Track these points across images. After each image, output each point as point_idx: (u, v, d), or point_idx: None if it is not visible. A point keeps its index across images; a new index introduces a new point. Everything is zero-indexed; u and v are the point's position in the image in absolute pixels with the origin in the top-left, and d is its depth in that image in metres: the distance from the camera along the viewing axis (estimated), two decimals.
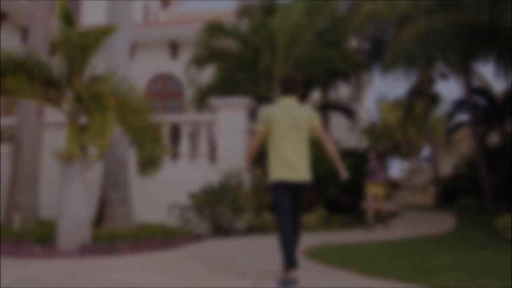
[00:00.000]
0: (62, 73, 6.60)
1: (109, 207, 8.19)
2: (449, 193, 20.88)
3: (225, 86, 11.59)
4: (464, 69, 15.82)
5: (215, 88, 11.68)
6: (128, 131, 7.25)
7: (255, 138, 4.96)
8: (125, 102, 6.86)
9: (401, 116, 29.70)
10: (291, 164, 4.65)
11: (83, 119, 6.75)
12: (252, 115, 10.19)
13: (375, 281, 4.68)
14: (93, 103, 5.99)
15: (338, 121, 17.87)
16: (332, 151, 4.88)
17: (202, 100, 11.87)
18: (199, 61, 11.66)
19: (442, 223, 11.82)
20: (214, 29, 11.20)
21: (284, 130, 4.69)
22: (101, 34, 6.07)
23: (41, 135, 8.94)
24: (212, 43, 11.51)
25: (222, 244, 7.51)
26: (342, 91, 16.16)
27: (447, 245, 7.66)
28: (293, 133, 4.69)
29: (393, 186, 26.04)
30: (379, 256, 6.25)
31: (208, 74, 12.85)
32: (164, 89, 16.58)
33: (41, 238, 7.15)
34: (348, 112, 15.62)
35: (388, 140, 31.35)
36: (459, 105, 18.76)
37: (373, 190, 10.59)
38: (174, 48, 16.55)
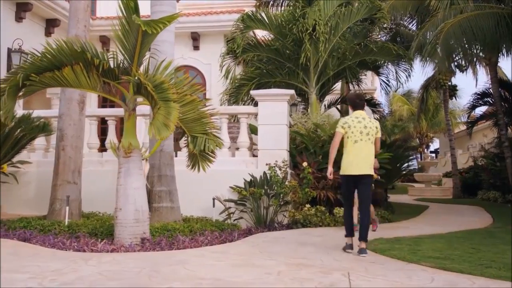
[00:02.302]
0: (121, 64, 6.46)
1: (157, 200, 8.08)
2: (468, 186, 20.79)
3: (260, 78, 11.44)
4: (490, 60, 15.66)
5: (249, 80, 11.51)
6: (181, 122, 7.11)
7: (337, 138, 6.28)
8: (180, 93, 6.72)
9: (415, 108, 29.73)
10: (357, 162, 6.10)
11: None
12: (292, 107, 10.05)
13: (471, 278, 4.58)
14: (158, 95, 5.86)
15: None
16: (376, 152, 6.39)
17: (237, 92, 11.73)
18: (235, 53, 11.49)
19: (477, 216, 11.77)
20: (251, 20, 11.03)
21: (357, 135, 6.11)
22: (166, 22, 5.93)
23: (84, 127, 8.81)
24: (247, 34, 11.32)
25: (276, 237, 7.41)
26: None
27: (501, 238, 7.58)
28: (363, 138, 6.11)
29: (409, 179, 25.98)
30: (446, 250, 6.16)
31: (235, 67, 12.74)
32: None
33: (94, 231, 7.07)
34: (374, 104, 15.50)
35: (400, 133, 31.29)
36: (482, 96, 18.61)
37: None
38: (195, 39, 16.37)
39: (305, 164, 8.82)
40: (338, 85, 15.37)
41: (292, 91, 9.41)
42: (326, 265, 5.15)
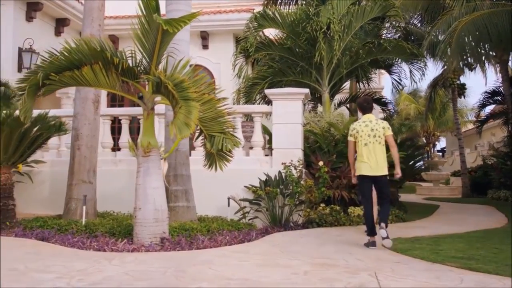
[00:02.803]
0: (140, 63, 6.43)
1: (173, 200, 8.06)
2: (477, 185, 20.69)
3: (273, 77, 11.40)
4: (500, 59, 15.58)
5: (262, 79, 11.47)
6: (199, 121, 7.08)
7: (350, 147, 6.77)
8: (198, 92, 6.69)
9: (422, 107, 29.65)
10: (370, 163, 6.48)
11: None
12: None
13: (500, 279, 4.54)
14: (179, 93, 5.83)
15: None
16: (395, 154, 6.66)
17: (249, 91, 11.69)
18: (247, 52, 11.45)
19: (490, 215, 11.69)
20: (264, 18, 10.99)
21: (366, 138, 6.52)
22: (187, 21, 5.89)
23: (98, 127, 8.80)
24: (260, 33, 11.28)
25: (294, 237, 7.37)
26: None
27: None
28: (371, 140, 6.50)
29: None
30: (468, 250, 6.11)
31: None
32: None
33: (112, 231, 7.06)
34: (384, 103, 15.45)
35: (407, 131, 31.13)
36: (492, 95, 18.52)
37: None
38: (204, 38, 16.33)
39: (321, 163, 8.77)
40: (347, 84, 15.34)
41: (307, 90, 9.37)
42: (351, 265, 5.11)
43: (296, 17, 10.87)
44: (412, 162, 12.19)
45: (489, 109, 22.04)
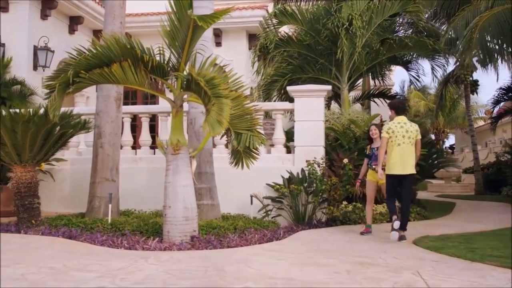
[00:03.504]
0: (168, 60, 6.39)
1: (197, 198, 7.97)
2: (490, 182, 20.55)
3: (292, 74, 11.33)
4: None
5: (281, 76, 11.40)
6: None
7: (384, 143, 6.95)
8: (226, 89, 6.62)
9: (432, 104, 29.52)
10: (403, 163, 6.82)
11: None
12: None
13: None
14: (211, 90, 5.77)
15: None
16: (418, 156, 7.10)
17: (269, 88, 11.61)
18: (267, 49, 11.38)
19: (509, 213, 11.57)
20: (283, 15, 10.92)
21: (400, 139, 6.81)
22: (219, 17, 5.84)
23: (120, 125, 8.77)
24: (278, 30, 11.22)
25: (322, 235, 7.33)
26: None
27: None
28: (405, 141, 6.82)
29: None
30: (504, 249, 6.00)
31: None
32: None
33: (139, 229, 7.02)
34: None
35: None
36: (507, 91, 18.38)
37: (382, 180, 7.60)
38: (217, 36, 16.26)
39: (345, 160, 8.71)
40: (360, 81, 15.25)
41: (329, 87, 9.30)
42: (390, 263, 5.06)
43: (316, 13, 10.79)
44: (430, 160, 12.09)
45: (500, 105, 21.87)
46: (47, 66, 13.16)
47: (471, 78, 21.19)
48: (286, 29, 13.14)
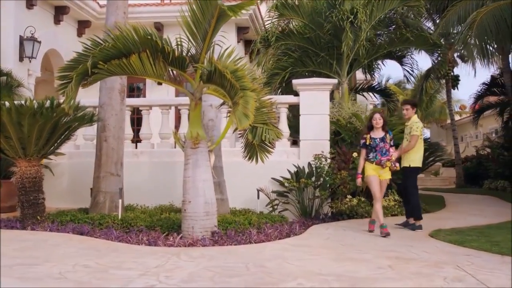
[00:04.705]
0: (188, 51, 6.22)
1: None
2: (470, 176, 20.96)
3: (293, 67, 11.25)
4: (503, 50, 15.68)
5: (282, 69, 11.30)
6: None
7: (415, 141, 7.46)
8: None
9: (411, 98, 29.85)
10: None
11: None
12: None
13: None
14: (238, 83, 5.64)
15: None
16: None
17: (269, 81, 11.49)
18: (268, 41, 11.25)
19: (504, 206, 11.77)
20: (284, 7, 10.81)
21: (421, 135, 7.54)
22: (246, 6, 5.72)
23: (124, 118, 8.55)
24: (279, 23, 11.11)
25: (338, 229, 7.31)
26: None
27: None
28: (421, 137, 7.60)
29: None
30: None
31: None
32: None
33: (152, 225, 6.86)
34: (389, 94, 15.47)
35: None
36: (490, 86, 18.73)
37: (384, 175, 7.11)
38: None
39: (355, 154, 8.69)
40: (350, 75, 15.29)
41: (335, 81, 9.28)
42: (425, 258, 5.06)
43: (317, 6, 10.72)
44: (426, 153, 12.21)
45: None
46: (33, 57, 12.76)
47: (452, 73, 21.52)
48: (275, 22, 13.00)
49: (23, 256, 4.74)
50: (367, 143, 7.11)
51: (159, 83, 14.66)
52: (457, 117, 35.09)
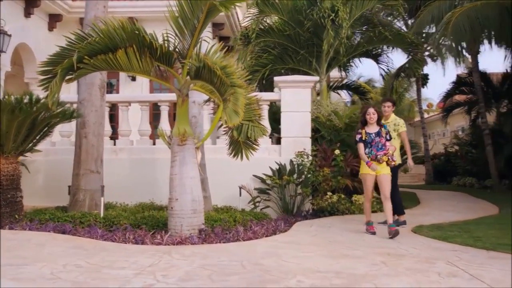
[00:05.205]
0: (175, 47, 6.14)
1: None
2: (438, 173, 21.43)
3: (273, 65, 11.24)
4: (472, 50, 16.06)
5: (262, 66, 11.28)
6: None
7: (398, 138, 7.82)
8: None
9: (379, 96, 30.29)
10: None
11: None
12: None
13: None
14: (228, 79, 5.58)
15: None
16: None
17: (249, 79, 11.41)
18: (248, 38, 11.20)
19: (475, 202, 12.08)
20: (265, 4, 10.78)
21: None
22: (236, 2, 5.68)
23: (105, 114, 8.38)
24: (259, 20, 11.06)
25: (322, 226, 7.33)
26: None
27: None
28: None
29: None
30: (507, 236, 6.23)
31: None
32: None
33: (136, 223, 6.75)
34: (363, 92, 15.65)
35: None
36: (459, 85, 19.15)
37: (381, 171, 6.65)
38: None
39: (337, 152, 8.76)
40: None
41: (317, 78, 9.36)
42: (414, 254, 5.15)
43: (297, 4, 10.72)
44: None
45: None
46: (3, 51, 12.36)
47: (422, 72, 21.92)
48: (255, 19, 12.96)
49: (10, 256, 4.58)
50: (363, 138, 6.78)
51: (133, 79, 14.47)
52: (425, 115, 35.93)
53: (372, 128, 6.80)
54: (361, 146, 6.78)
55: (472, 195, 14.20)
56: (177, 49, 6.21)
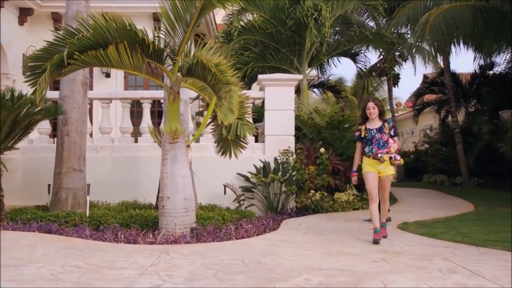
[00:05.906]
0: (167, 44, 6.05)
1: None
2: (409, 170, 21.84)
3: (254, 63, 11.22)
4: (443, 51, 16.41)
5: (244, 64, 11.24)
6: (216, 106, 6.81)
7: None
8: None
9: (350, 96, 30.68)
10: None
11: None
12: None
13: None
14: (223, 77, 5.53)
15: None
16: None
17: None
18: (230, 36, 11.14)
19: (451, 199, 12.36)
20: (247, 2, 10.74)
21: None
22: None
23: (87, 111, 8.21)
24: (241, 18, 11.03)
25: (311, 224, 7.37)
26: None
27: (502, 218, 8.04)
28: None
29: None
30: (492, 233, 6.43)
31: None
32: None
33: (125, 222, 6.63)
34: (339, 91, 15.81)
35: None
36: (430, 85, 19.56)
37: (384, 171, 6.04)
38: (157, 20, 15.64)
39: (322, 150, 8.81)
40: None
41: (300, 76, 9.38)
42: (410, 251, 5.23)
43: (279, 2, 10.74)
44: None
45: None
46: None
47: (394, 72, 22.29)
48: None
49: (3, 258, 4.44)
50: (362, 136, 6.12)
51: (107, 75, 14.21)
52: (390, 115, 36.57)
53: (374, 124, 6.11)
54: (357, 146, 6.26)
55: (444, 192, 14.55)
56: (169, 46, 6.12)
